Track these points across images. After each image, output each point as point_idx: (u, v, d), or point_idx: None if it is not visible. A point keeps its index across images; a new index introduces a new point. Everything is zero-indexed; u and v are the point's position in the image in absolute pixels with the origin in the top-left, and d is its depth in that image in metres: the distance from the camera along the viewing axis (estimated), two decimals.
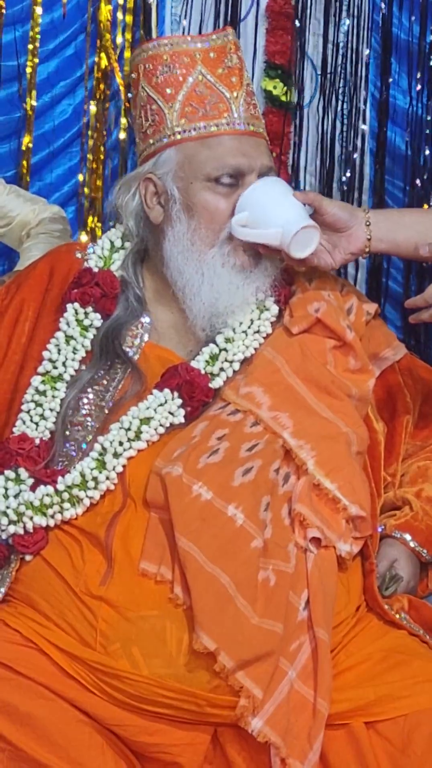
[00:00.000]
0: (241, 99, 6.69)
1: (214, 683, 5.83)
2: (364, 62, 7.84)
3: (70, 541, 6.11)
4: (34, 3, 7.98)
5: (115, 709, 5.88)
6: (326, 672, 5.88)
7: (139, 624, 5.89)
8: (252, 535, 6.00)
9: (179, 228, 6.58)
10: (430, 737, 5.94)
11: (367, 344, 6.63)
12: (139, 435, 6.25)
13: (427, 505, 6.57)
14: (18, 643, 5.90)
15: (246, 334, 6.59)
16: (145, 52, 6.89)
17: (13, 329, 6.67)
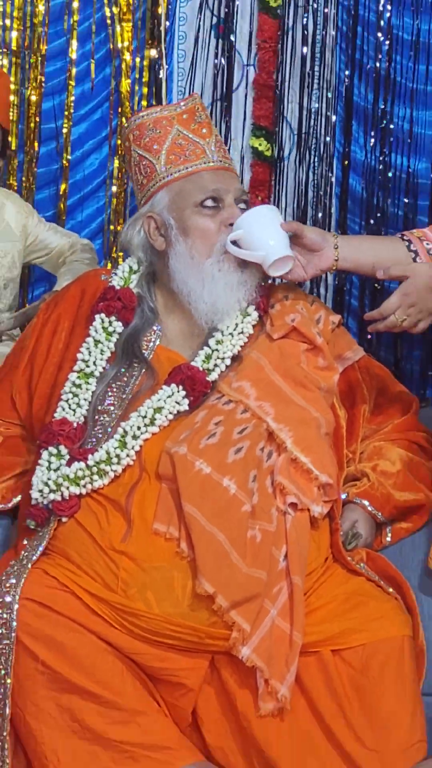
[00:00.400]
0: (212, 143, 6.74)
1: (212, 620, 5.88)
2: (332, 124, 7.89)
3: (98, 507, 6.09)
4: (69, 78, 7.88)
5: (132, 641, 5.87)
6: (300, 610, 5.94)
7: (152, 573, 5.93)
8: (242, 502, 6.04)
9: (179, 248, 6.57)
10: (383, 662, 5.96)
11: (333, 347, 6.59)
12: (153, 421, 6.22)
13: (381, 477, 6.55)
14: (55, 587, 5.90)
15: (232, 336, 6.54)
16: (132, 123, 7.00)
17: (52, 338, 6.64)
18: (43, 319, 6.72)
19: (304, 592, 5.97)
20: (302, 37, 7.74)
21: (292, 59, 7.76)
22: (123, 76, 7.73)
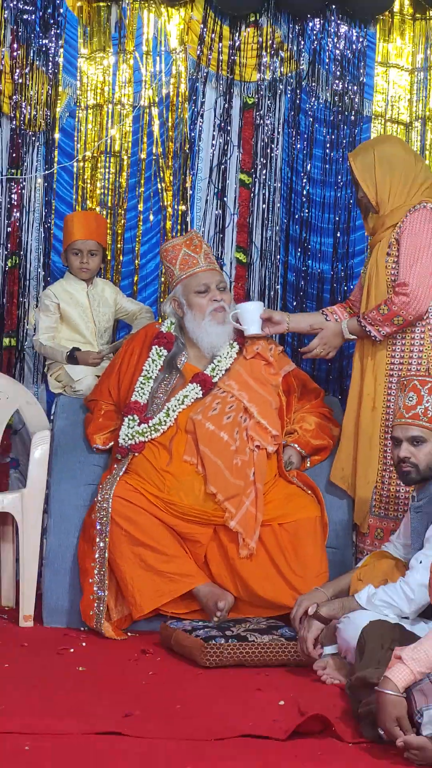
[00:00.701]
0: (202, 257, 6.78)
1: (214, 507, 6.40)
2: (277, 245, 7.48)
3: (154, 447, 6.52)
4: (139, 220, 7.57)
5: (172, 518, 6.40)
6: (261, 502, 6.44)
7: (182, 481, 6.43)
8: (230, 444, 6.52)
9: (189, 315, 6.77)
10: (305, 529, 6.43)
11: (277, 364, 6.85)
12: (183, 402, 6.61)
13: (304, 432, 6.77)
14: (131, 490, 6.38)
15: (224, 358, 6.75)
16: (162, 248, 6.99)
17: (130, 358, 6.82)
18: (124, 349, 6.96)
19: (263, 492, 6.47)
20: (262, 198, 7.45)
21: (257, 210, 7.49)
22: (167, 219, 7.51)
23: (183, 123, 7.47)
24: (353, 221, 7.51)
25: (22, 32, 7.28)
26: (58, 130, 7.40)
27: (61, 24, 7.32)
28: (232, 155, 7.52)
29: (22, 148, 7.39)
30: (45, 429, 6.74)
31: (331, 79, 7.43)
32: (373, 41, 7.46)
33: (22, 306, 7.47)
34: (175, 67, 7.46)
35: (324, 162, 7.49)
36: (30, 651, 5.96)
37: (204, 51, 7.40)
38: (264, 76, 7.44)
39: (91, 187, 7.49)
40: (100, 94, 7.46)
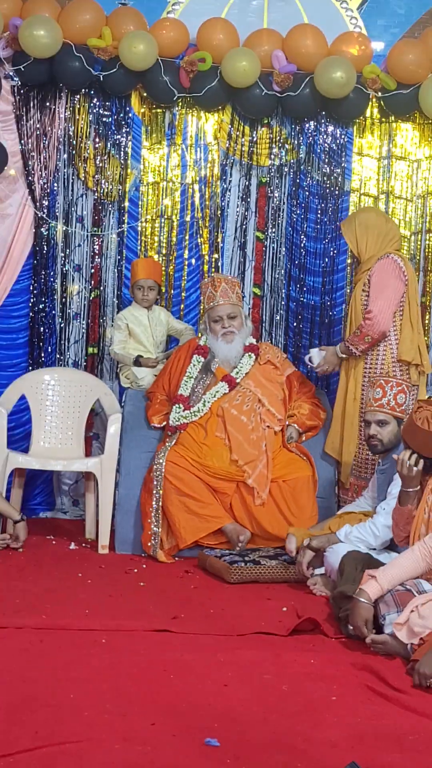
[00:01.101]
0: (219, 293, 6.51)
1: (237, 469, 6.28)
2: (282, 284, 7.27)
3: (195, 426, 6.41)
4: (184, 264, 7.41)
5: (208, 477, 6.27)
6: (270, 466, 6.33)
7: (216, 450, 6.33)
8: (248, 424, 6.40)
9: (210, 335, 6.56)
10: (301, 484, 6.36)
11: (282, 368, 6.67)
12: (215, 396, 6.47)
13: (300, 415, 6.58)
14: (178, 456, 6.26)
15: (244, 364, 6.55)
16: (200, 285, 6.96)
17: (177, 363, 6.63)
18: (174, 356, 6.75)
19: (272, 459, 6.35)
20: (271, 250, 7.31)
21: (268, 258, 7.34)
22: (204, 264, 7.30)
23: (216, 195, 7.35)
24: (336, 266, 7.39)
25: (102, 130, 7.20)
26: (127, 200, 7.29)
27: (129, 124, 7.22)
28: (250, 219, 7.40)
29: (101, 212, 7.30)
30: (117, 412, 6.69)
31: (321, 165, 7.31)
32: (351, 137, 7.33)
33: (102, 325, 7.36)
34: (210, 155, 7.34)
35: (316, 224, 7.37)
36: (106, 571, 5.96)
37: (231, 144, 7.29)
38: (274, 162, 7.31)
39: (150, 241, 7.38)
40: (157, 174, 7.34)
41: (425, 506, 5.02)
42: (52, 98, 7.13)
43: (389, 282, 6.39)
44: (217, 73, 6.96)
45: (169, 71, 6.96)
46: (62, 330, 7.38)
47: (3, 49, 6.88)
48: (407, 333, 6.39)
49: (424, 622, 4.44)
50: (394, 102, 7.12)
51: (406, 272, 6.44)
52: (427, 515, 4.99)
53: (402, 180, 7.42)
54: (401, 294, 6.41)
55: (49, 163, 7.18)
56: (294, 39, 7.01)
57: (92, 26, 6.89)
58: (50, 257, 7.31)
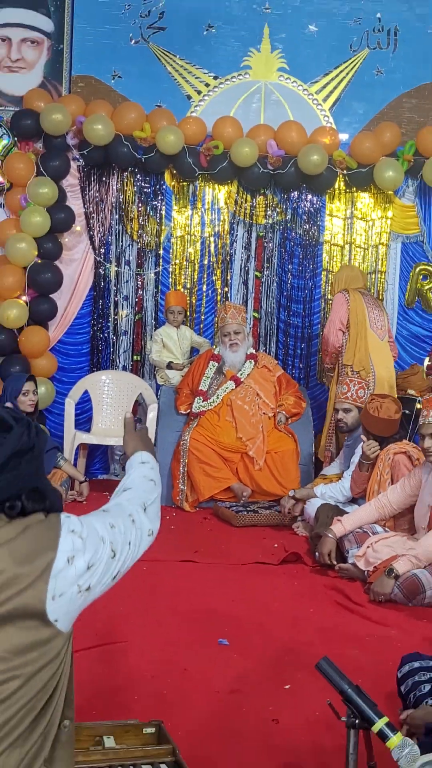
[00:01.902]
0: (228, 315, 6.44)
1: (241, 444, 6.18)
2: (275, 312, 7.22)
3: (211, 413, 6.30)
4: (204, 295, 7.32)
5: (220, 450, 6.18)
6: (266, 441, 6.21)
7: (226, 430, 6.23)
8: (250, 411, 6.28)
9: (221, 346, 6.45)
10: (288, 454, 6.23)
11: (274, 370, 6.52)
12: (226, 390, 6.34)
13: (287, 405, 6.40)
14: (199, 434, 6.18)
15: (247, 369, 6.42)
16: (217, 310, 6.89)
17: (198, 367, 6.53)
18: (195, 362, 6.64)
19: (266, 436, 6.22)
20: (267, 284, 7.26)
21: (264, 290, 7.26)
22: (218, 295, 7.25)
23: (226, 245, 7.31)
24: (313, 297, 7.34)
25: (143, 197, 7.16)
26: (162, 249, 7.26)
27: (163, 194, 7.19)
28: (251, 263, 7.34)
29: (143, 257, 7.28)
30: (154, 403, 6.67)
31: (302, 223, 7.25)
32: (324, 203, 7.28)
33: (143, 340, 7.32)
34: (222, 216, 7.29)
35: (299, 266, 7.30)
36: None
37: (237, 208, 7.23)
38: (268, 221, 7.26)
39: (178, 278, 7.31)
40: (183, 230, 7.28)
41: (378, 471, 5.07)
42: (107, 174, 7.12)
43: (335, 308, 6.35)
44: (227, 156, 6.95)
45: (192, 155, 6.97)
46: (114, 343, 7.33)
47: (71, 139, 6.91)
48: (351, 345, 6.24)
49: (376, 554, 4.47)
50: (355, 178, 7.09)
51: (350, 303, 6.29)
52: (379, 477, 5.04)
53: (360, 234, 7.36)
54: (345, 318, 6.28)
55: (104, 221, 7.16)
56: (283, 131, 7.00)
57: (136, 122, 6.90)
58: (105, 290, 7.27)
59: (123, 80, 7.17)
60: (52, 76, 7.14)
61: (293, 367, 7.37)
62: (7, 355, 6.81)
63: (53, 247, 6.94)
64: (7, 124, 6.91)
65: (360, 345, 6.25)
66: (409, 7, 7.28)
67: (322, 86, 7.31)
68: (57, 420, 6.95)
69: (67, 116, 6.76)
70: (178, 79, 7.24)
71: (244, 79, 7.29)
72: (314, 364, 7.40)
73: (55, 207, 6.88)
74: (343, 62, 7.29)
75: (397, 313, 7.40)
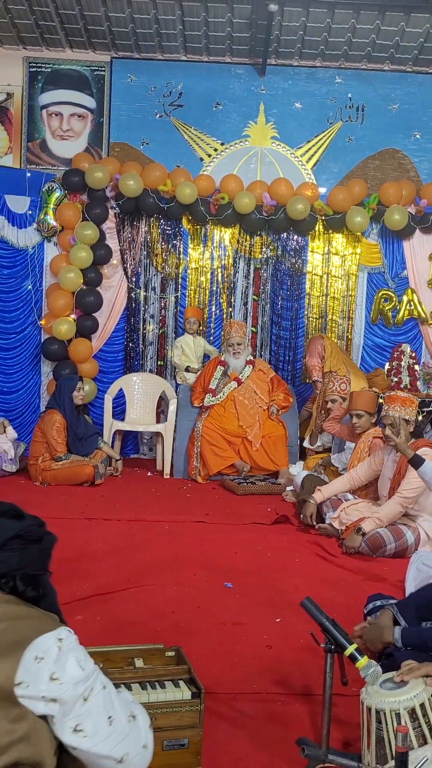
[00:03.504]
0: (233, 330, 6.27)
1: (242, 430, 6.06)
2: (269, 328, 7.06)
3: (218, 406, 6.16)
4: (213, 313, 7.20)
5: (226, 434, 6.08)
6: (261, 427, 6.10)
7: (230, 419, 6.11)
8: (249, 405, 6.16)
9: (227, 354, 6.27)
10: (279, 438, 6.08)
11: (267, 373, 6.34)
12: (230, 388, 6.20)
13: (278, 399, 6.19)
14: (209, 422, 6.07)
15: (247, 372, 6.25)
16: (224, 325, 6.61)
17: (208, 370, 6.35)
18: (206, 367, 6.43)
19: (261, 424, 6.10)
20: (262, 306, 7.14)
21: (260, 311, 7.13)
22: (224, 313, 7.13)
23: (230, 275, 7.23)
24: (299, 315, 7.27)
25: (165, 238, 7.11)
26: (180, 278, 7.21)
27: (181, 235, 7.14)
28: (249, 288, 7.27)
29: (165, 284, 7.22)
30: (174, 398, 6.58)
31: (289, 258, 7.18)
32: (306, 242, 7.21)
33: (166, 349, 7.27)
34: (227, 252, 7.23)
35: (288, 291, 7.22)
36: (168, 488, 5.87)
37: (239, 246, 7.17)
38: (263, 256, 7.19)
39: (193, 301, 7.25)
40: (197, 263, 7.22)
41: (359, 449, 4.97)
42: (137, 220, 7.08)
43: (311, 341, 6.40)
44: (231, 205, 6.91)
45: (204, 204, 6.92)
46: (143, 351, 7.27)
47: (110, 192, 6.89)
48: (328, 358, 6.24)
49: (348, 516, 4.44)
50: (332, 222, 7.02)
51: (324, 339, 6.36)
52: (359, 455, 4.95)
53: (336, 266, 7.27)
54: (321, 348, 6.32)
55: (135, 256, 7.12)
56: (274, 186, 6.96)
57: (160, 179, 6.86)
58: (137, 310, 7.22)
59: (150, 146, 7.20)
60: (94, 142, 7.20)
61: (283, 370, 7.29)
62: (59, 361, 6.82)
63: (95, 277, 6.93)
64: (59, 180, 6.92)
65: (335, 356, 6.30)
66: (373, 89, 7.28)
67: (306, 150, 7.30)
68: (98, 411, 6.91)
69: (106, 174, 6.77)
70: (193, 144, 7.25)
71: (245, 145, 7.29)
72: (299, 368, 7.32)
73: (97, 245, 6.88)
74: (322, 131, 7.29)
75: (364, 328, 7.32)
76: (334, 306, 7.34)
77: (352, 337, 7.36)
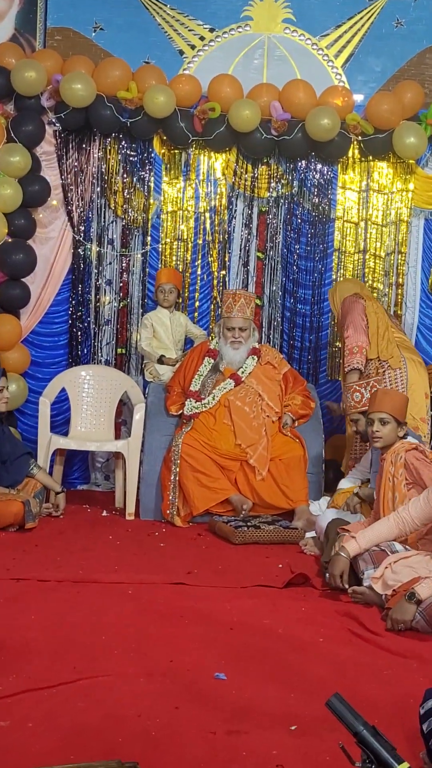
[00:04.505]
0: (237, 306, 6.40)
1: (240, 450, 6.22)
2: (279, 296, 7.28)
3: (206, 415, 6.33)
4: (197, 279, 7.41)
5: (217, 456, 6.21)
6: (268, 447, 6.27)
7: (223, 434, 6.26)
8: (250, 414, 6.33)
9: (221, 339, 6.47)
10: (294, 462, 6.29)
11: (279, 366, 6.59)
12: (223, 390, 6.38)
13: (294, 405, 6.45)
14: (192, 439, 6.20)
15: (248, 366, 6.45)
16: (223, 294, 6.78)
17: (191, 363, 6.56)
18: (188, 356, 6.67)
19: (270, 442, 6.27)
20: (270, 267, 7.32)
21: (267, 274, 7.30)
22: (214, 279, 7.33)
23: (223, 222, 7.32)
24: (324, 281, 7.38)
25: (129, 167, 7.19)
26: (150, 226, 7.29)
27: (152, 163, 7.22)
28: (252, 242, 7.37)
29: (128, 236, 7.30)
30: (141, 402, 6.67)
31: (310, 197, 7.28)
32: (336, 174, 7.31)
33: (129, 330, 7.36)
34: (219, 188, 7.32)
35: (307, 245, 7.35)
36: (132, 534, 5.95)
37: (236, 179, 7.26)
38: (271, 195, 7.29)
39: (169, 260, 7.34)
40: (174, 204, 7.31)
41: (388, 475, 4.99)
42: (87, 141, 7.14)
43: (351, 309, 6.40)
44: (224, 120, 6.96)
45: (184, 119, 6.96)
46: (96, 334, 7.37)
47: (47, 100, 6.92)
48: (373, 338, 6.29)
49: (396, 576, 4.42)
50: (372, 144, 7.11)
51: (366, 302, 6.42)
52: (392, 482, 4.96)
53: (378, 210, 7.39)
54: (363, 313, 6.37)
55: (85, 195, 7.18)
56: (288, 92, 7.00)
57: (121, 81, 6.89)
58: (86, 273, 7.30)
59: (106, 33, 7.18)
60: (24, 28, 7.16)
61: (300, 361, 7.42)
62: None
63: (26, 224, 6.95)
64: None
65: (384, 335, 6.32)
66: None
67: (334, 40, 7.34)
68: (30, 422, 6.98)
69: (41, 74, 6.76)
70: (168, 31, 7.26)
71: (245, 31, 7.31)
72: (324, 359, 7.47)
73: (28, 178, 6.88)
74: (358, 12, 7.32)
75: (420, 300, 7.46)
76: (375, 267, 7.45)
77: (403, 312, 7.47)
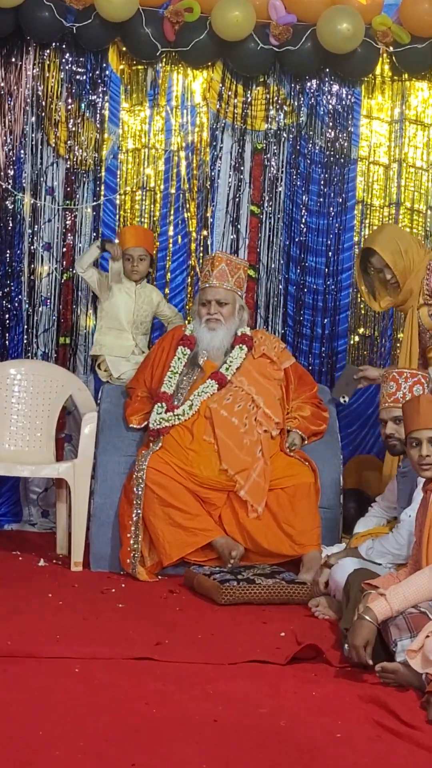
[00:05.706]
0: (215, 273, 6.53)
1: (228, 478, 6.28)
2: (279, 267, 7.44)
3: (180, 429, 6.40)
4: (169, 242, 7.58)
5: (195, 486, 6.28)
6: (265, 474, 6.34)
7: (204, 456, 6.32)
8: (240, 427, 6.42)
9: (195, 319, 6.64)
10: (301, 492, 6.35)
11: (279, 359, 6.69)
12: (202, 395, 6.47)
13: (302, 419, 6.61)
14: (162, 462, 6.26)
15: (235, 358, 6.58)
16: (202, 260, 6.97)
17: (160, 355, 6.68)
18: (157, 346, 6.84)
19: (268, 466, 6.36)
20: (268, 226, 7.45)
21: (264, 235, 7.46)
22: (192, 242, 7.50)
23: (205, 164, 7.42)
24: (342, 245, 7.48)
25: (75, 89, 7.26)
26: (104, 170, 7.36)
27: (106, 83, 7.28)
28: (244, 191, 7.47)
29: (75, 183, 7.36)
30: (93, 411, 6.71)
31: (324, 129, 7.38)
32: (359, 98, 7.40)
33: (75, 312, 7.44)
34: (198, 118, 7.41)
35: (319, 196, 7.43)
36: (79, 591, 5.98)
37: (222, 105, 7.35)
38: (270, 126, 7.38)
39: (130, 216, 7.43)
40: (138, 140, 7.41)
41: None
42: (18, 53, 7.20)
43: None
44: (206, 24, 6.99)
45: (151, 22, 6.97)
46: (30, 317, 7.43)
47: None
48: None
49: None
50: (408, 57, 7.18)
51: None
52: None
53: (416, 146, 7.48)
54: None
55: (14, 127, 7.23)
56: None
57: None
58: (16, 234, 7.36)
59: None
60: None
61: (310, 354, 7.55)
62: None
63: None
64: None
65: None
66: None
67: None
68: None
69: None
70: None
71: None
72: (343, 351, 7.58)
73: None
74: None
75: None
76: (413, 225, 7.52)
77: None
